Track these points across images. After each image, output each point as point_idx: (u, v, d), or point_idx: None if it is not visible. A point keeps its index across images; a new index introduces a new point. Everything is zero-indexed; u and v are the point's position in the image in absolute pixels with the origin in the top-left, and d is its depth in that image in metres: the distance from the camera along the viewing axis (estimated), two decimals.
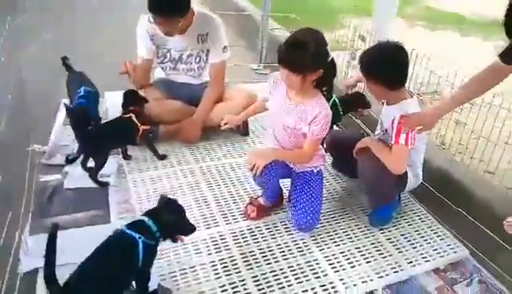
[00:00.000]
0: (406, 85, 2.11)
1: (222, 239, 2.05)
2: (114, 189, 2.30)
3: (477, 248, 2.12)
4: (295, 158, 2.08)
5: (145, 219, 1.59)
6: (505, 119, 2.33)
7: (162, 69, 2.88)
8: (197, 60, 2.79)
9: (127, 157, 2.55)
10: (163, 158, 2.59)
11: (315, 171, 2.13)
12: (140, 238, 1.53)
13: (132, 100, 2.47)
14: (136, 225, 1.57)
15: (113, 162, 2.46)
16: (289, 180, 2.25)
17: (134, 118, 2.40)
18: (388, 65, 1.97)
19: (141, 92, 2.62)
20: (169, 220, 1.61)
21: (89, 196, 2.22)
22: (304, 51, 1.79)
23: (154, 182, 2.39)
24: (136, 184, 2.35)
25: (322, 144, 2.26)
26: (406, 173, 2.09)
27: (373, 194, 2.19)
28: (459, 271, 2.03)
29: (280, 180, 2.20)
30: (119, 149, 2.55)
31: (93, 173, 2.28)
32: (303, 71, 1.83)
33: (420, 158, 2.18)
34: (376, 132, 2.29)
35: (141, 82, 2.76)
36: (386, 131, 2.11)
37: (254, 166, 1.91)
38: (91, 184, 2.28)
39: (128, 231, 1.55)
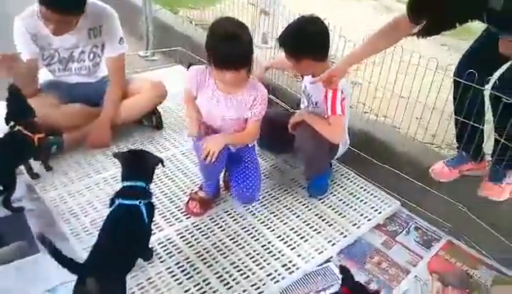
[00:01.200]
0: None
1: (170, 243, 1.92)
2: (31, 214, 2.01)
3: (406, 198, 2.28)
4: (242, 140, 2.03)
5: (131, 183, 1.61)
6: (397, 73, 2.45)
7: (50, 71, 2.55)
8: (91, 57, 2.52)
9: (34, 176, 2.24)
10: (49, 169, 2.31)
11: (250, 145, 2.12)
12: (140, 202, 1.57)
13: (17, 110, 2.14)
14: (128, 192, 1.59)
15: (20, 183, 2.15)
16: None
17: (23, 130, 2.09)
18: (314, 39, 1.99)
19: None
20: (149, 169, 1.69)
21: (5, 227, 1.91)
22: (242, 44, 1.73)
23: (74, 197, 2.14)
24: (57, 203, 2.08)
25: None
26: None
27: (310, 165, 2.22)
28: (396, 223, 2.18)
29: None
30: (23, 169, 2.23)
31: (5, 199, 1.98)
32: (247, 65, 1.79)
33: (346, 124, 2.27)
34: (302, 106, 2.31)
35: (28, 89, 2.42)
36: (317, 104, 2.14)
37: (208, 154, 1.81)
38: (3, 212, 1.97)
39: (126, 202, 1.56)
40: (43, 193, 2.14)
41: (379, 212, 2.19)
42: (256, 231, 2.03)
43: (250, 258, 1.88)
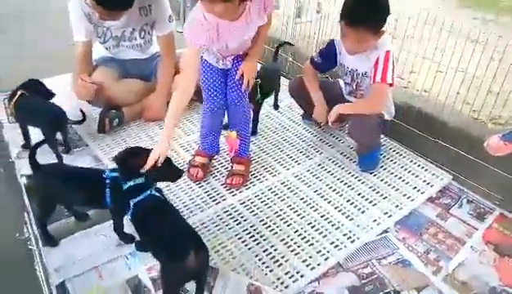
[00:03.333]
0: None
1: (235, 211, 2.02)
2: None
3: (457, 172, 2.32)
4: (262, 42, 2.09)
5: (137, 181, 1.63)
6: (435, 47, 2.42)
7: (106, 48, 2.64)
8: (142, 35, 2.59)
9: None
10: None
11: None
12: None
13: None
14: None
15: (86, 155, 2.26)
16: None
17: None
18: (385, 10, 1.99)
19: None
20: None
21: None
22: None
23: None
24: None
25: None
26: (383, 116, 2.23)
27: (363, 146, 2.30)
28: (448, 196, 2.23)
29: None
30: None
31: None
32: None
33: (390, 96, 2.31)
34: (345, 80, 2.34)
35: (88, 69, 2.53)
36: (365, 73, 2.17)
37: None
38: None
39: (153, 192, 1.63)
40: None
41: (431, 185, 2.25)
42: (314, 202, 2.10)
43: (312, 227, 1.96)
